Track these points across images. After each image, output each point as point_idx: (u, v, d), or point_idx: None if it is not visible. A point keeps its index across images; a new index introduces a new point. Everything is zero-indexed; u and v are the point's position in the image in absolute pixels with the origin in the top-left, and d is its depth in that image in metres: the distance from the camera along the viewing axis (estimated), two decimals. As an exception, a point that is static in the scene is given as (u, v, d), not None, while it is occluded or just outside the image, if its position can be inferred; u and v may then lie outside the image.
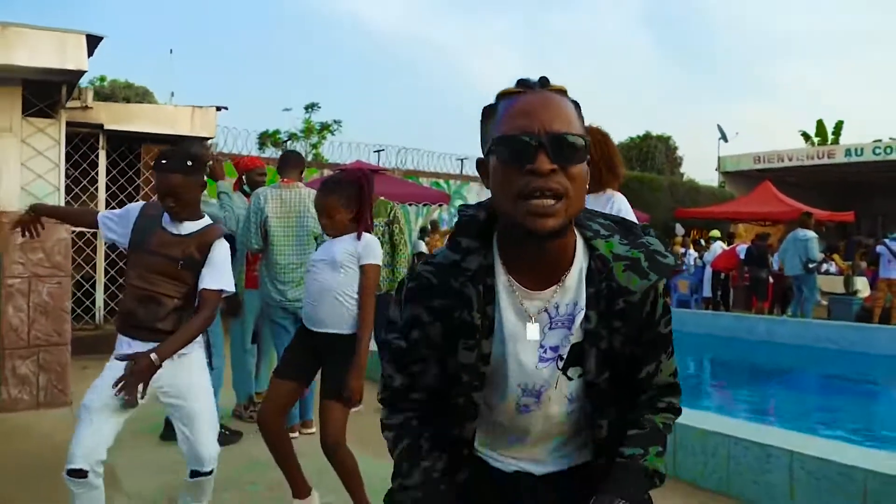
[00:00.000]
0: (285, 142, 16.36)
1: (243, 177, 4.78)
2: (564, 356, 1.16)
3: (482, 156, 1.16)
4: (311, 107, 16.43)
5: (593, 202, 2.98)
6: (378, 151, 15.31)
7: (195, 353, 2.67)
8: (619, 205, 3.05)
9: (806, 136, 24.64)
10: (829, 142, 22.58)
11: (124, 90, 21.13)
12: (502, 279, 1.16)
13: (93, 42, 4.93)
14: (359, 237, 2.96)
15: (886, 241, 10.74)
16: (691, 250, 14.89)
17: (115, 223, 2.72)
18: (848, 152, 18.01)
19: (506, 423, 1.24)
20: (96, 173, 7.67)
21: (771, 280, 12.11)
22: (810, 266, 9.83)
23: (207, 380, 2.73)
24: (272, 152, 15.22)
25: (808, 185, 18.74)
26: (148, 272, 2.59)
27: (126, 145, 7.97)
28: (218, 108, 8.41)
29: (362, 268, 2.94)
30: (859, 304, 11.42)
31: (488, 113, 1.15)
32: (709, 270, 13.37)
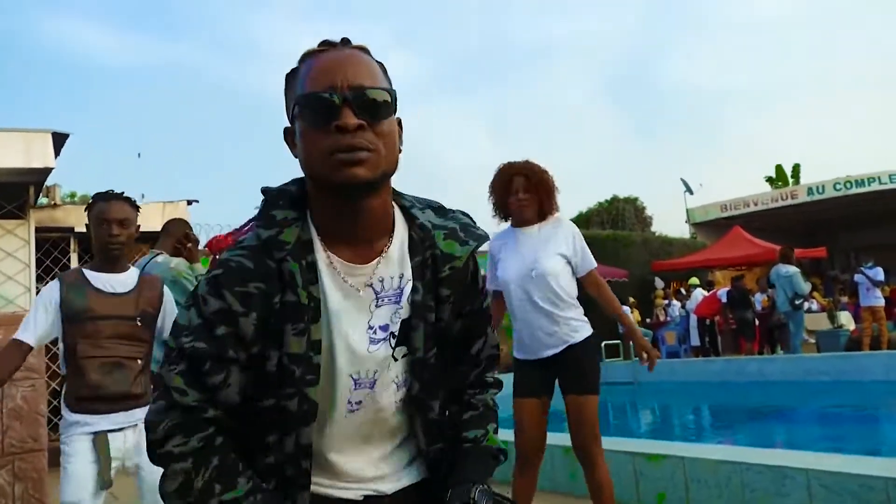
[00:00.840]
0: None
1: (217, 257, 4.69)
2: (396, 334, 1.08)
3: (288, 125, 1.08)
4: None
5: (548, 230, 3.03)
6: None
7: (129, 434, 2.53)
8: (572, 229, 3.07)
9: (770, 181, 25.40)
10: (790, 184, 23.21)
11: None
12: (321, 256, 1.04)
13: (59, 140, 4.96)
14: None
15: (863, 269, 10.87)
16: (674, 301, 14.94)
17: (30, 325, 2.47)
18: (810, 191, 18.48)
19: (335, 433, 1.08)
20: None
21: (756, 321, 12.13)
22: (797, 302, 9.85)
23: None
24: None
25: (775, 227, 19.09)
26: (103, 339, 2.46)
27: (97, 246, 7.90)
28: (189, 202, 8.43)
29: None
30: (846, 335, 11.45)
31: (291, 77, 1.07)
32: (693, 319, 13.38)
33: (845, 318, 12.77)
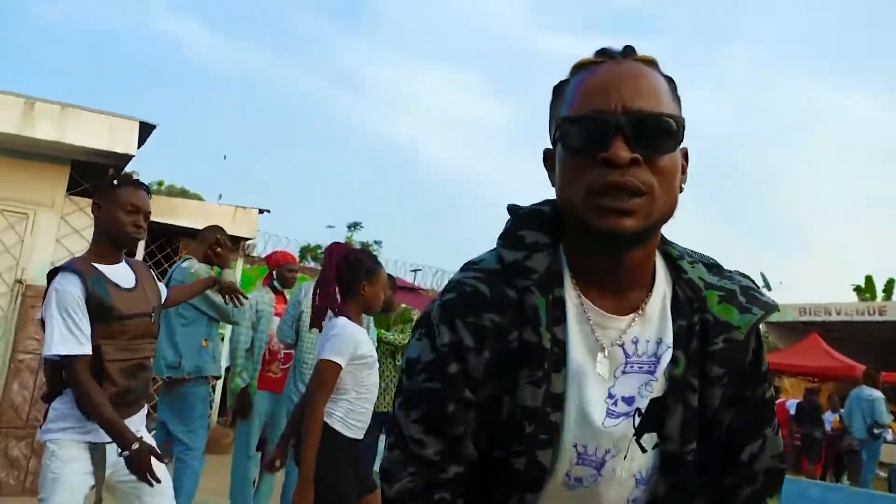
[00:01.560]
0: (325, 255, 16.57)
1: (274, 272, 4.59)
2: (642, 411, 0.88)
3: (549, 146, 0.92)
4: (354, 225, 16.81)
5: None
6: (415, 271, 15.32)
7: (144, 432, 2.40)
8: None
9: (859, 290, 24.13)
10: (879, 299, 21.89)
11: (179, 196, 22.02)
12: (571, 294, 0.88)
13: (145, 130, 4.98)
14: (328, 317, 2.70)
15: (951, 407, 9.92)
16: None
17: (80, 329, 2.22)
18: (901, 311, 17.33)
19: None
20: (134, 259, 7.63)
21: (823, 441, 11.23)
22: (876, 431, 9.03)
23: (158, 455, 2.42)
24: (312, 265, 15.38)
25: (857, 341, 17.94)
26: (130, 339, 2.31)
27: (166, 238, 7.98)
28: (261, 211, 8.47)
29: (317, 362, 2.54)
30: (922, 476, 10.43)
31: (558, 91, 0.90)
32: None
33: (922, 455, 11.70)
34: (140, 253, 7.57)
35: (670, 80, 0.89)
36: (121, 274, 2.37)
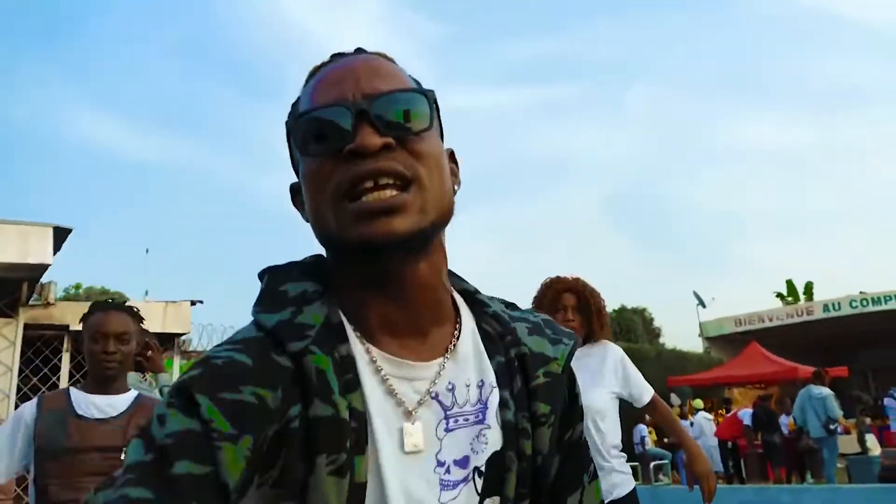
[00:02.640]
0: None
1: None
2: (482, 470, 0.71)
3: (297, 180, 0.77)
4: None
5: (590, 353, 2.71)
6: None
7: None
8: (618, 354, 2.73)
9: (781, 296, 25.25)
10: (802, 301, 23.00)
11: (100, 297, 21.09)
12: (358, 349, 0.69)
13: (60, 235, 4.72)
14: None
15: (893, 394, 10.38)
16: (693, 418, 14.27)
17: (13, 452, 2.10)
18: (826, 308, 18.24)
19: None
20: (57, 379, 7.11)
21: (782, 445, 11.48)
22: (831, 427, 9.31)
23: None
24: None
25: (791, 344, 18.71)
26: (78, 477, 2.04)
27: (92, 347, 7.53)
28: (193, 303, 8.11)
29: None
30: (878, 462, 10.78)
31: (294, 110, 0.76)
32: (714, 441, 12.70)
33: (871, 443, 12.12)
34: (65, 366, 7.09)
35: (403, 71, 0.78)
36: (107, 403, 2.19)
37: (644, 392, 2.72)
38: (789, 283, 25.74)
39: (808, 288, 25.36)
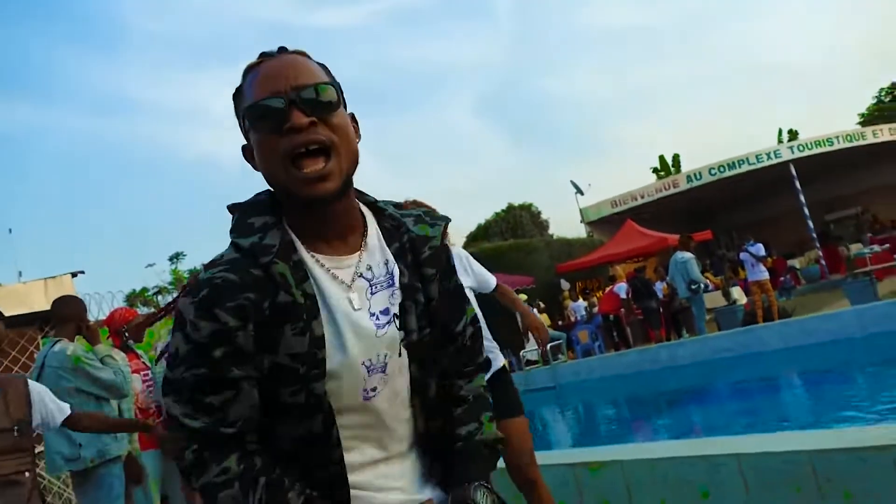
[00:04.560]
0: (155, 295, 15.61)
1: (125, 332, 4.38)
2: (397, 314, 1.09)
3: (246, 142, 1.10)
4: (175, 257, 15.95)
5: None
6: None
7: None
8: (462, 254, 3.21)
9: (655, 171, 26.80)
10: (672, 174, 24.54)
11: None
12: (305, 255, 1.05)
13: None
14: None
15: (747, 247, 11.59)
16: (581, 301, 15.39)
17: None
18: (689, 178, 19.57)
19: (356, 423, 1.06)
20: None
21: (660, 308, 12.67)
22: (693, 287, 10.35)
23: None
24: (144, 311, 14.45)
25: (663, 216, 20.08)
26: None
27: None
28: (73, 275, 7.87)
29: None
30: (742, 310, 12.15)
31: (237, 95, 1.09)
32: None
33: (737, 293, 13.55)
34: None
35: (323, 66, 1.10)
36: None
37: (490, 280, 3.21)
38: (661, 159, 27.31)
39: (676, 160, 26.98)
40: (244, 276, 0.99)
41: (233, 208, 1.10)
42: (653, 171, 27.33)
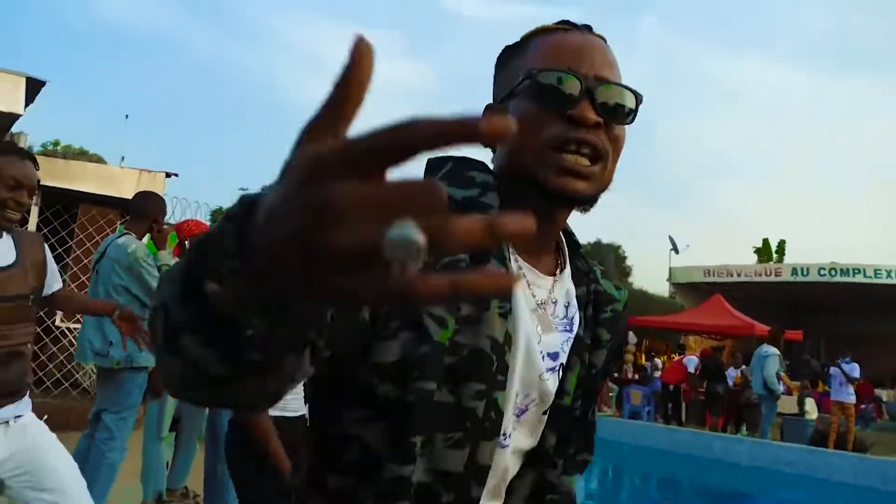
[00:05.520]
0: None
1: (185, 242, 4.28)
2: (564, 366, 0.91)
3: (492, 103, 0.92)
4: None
5: None
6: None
7: (29, 415, 2.19)
8: None
9: (757, 251, 25.74)
10: (774, 259, 23.34)
11: (78, 157, 20.61)
12: (509, 251, 0.87)
13: (34, 86, 4.51)
14: None
15: (840, 363, 10.70)
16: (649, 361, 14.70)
17: None
18: (794, 272, 18.51)
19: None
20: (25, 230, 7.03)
21: (725, 396, 11.89)
22: (768, 385, 9.64)
23: (53, 437, 2.24)
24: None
25: (756, 301, 19.10)
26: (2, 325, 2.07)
27: (62, 204, 7.38)
28: (168, 175, 7.98)
29: None
30: (812, 426, 11.25)
31: (510, 53, 0.91)
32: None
33: (809, 406, 12.60)
34: (33, 220, 6.99)
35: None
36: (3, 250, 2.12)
37: None
38: (765, 241, 26.18)
39: (781, 246, 25.84)
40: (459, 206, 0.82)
41: (445, 157, 0.91)
42: (754, 251, 26.22)
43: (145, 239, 3.81)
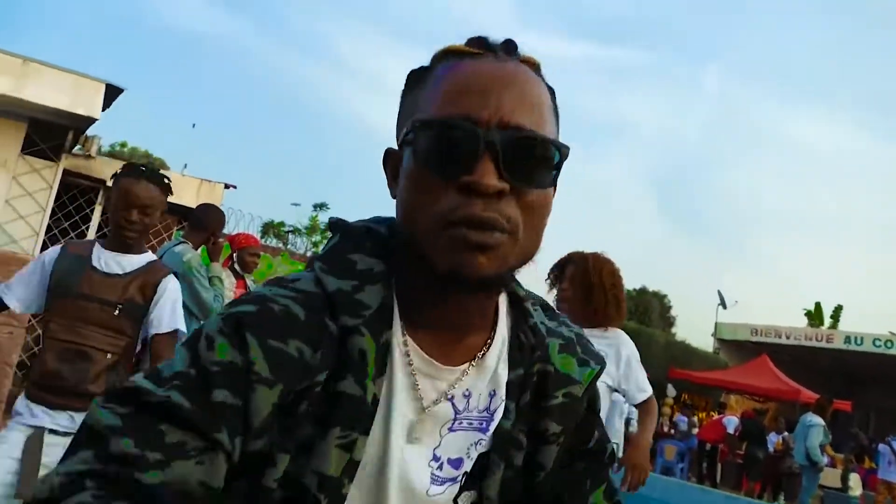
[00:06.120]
0: (288, 233, 16.35)
1: (234, 255, 4.40)
2: (474, 474, 0.75)
3: (394, 145, 0.75)
4: (320, 206, 16.48)
5: (595, 341, 2.63)
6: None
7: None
8: (628, 350, 2.68)
9: (810, 316, 24.86)
10: (826, 325, 22.52)
11: (142, 160, 21.45)
12: (398, 338, 0.71)
13: (112, 93, 4.74)
14: None
15: (891, 441, 10.23)
16: (680, 416, 14.29)
17: (17, 284, 2.27)
18: (847, 340, 17.80)
19: None
20: (87, 228, 7.32)
21: (764, 461, 11.47)
22: (811, 456, 9.26)
23: None
24: (273, 243, 15.11)
25: (804, 366, 18.43)
26: (77, 322, 2.16)
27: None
28: (227, 186, 8.20)
29: None
30: (856, 502, 10.75)
31: (415, 80, 0.73)
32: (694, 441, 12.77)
33: (853, 482, 12.04)
34: (95, 220, 7.27)
35: (552, 91, 0.73)
36: (121, 260, 2.26)
37: (639, 393, 2.69)
38: (817, 305, 25.24)
39: (836, 312, 24.85)
40: (311, 320, 0.67)
41: (336, 226, 0.77)
42: (805, 314, 25.31)
43: (200, 249, 3.93)
